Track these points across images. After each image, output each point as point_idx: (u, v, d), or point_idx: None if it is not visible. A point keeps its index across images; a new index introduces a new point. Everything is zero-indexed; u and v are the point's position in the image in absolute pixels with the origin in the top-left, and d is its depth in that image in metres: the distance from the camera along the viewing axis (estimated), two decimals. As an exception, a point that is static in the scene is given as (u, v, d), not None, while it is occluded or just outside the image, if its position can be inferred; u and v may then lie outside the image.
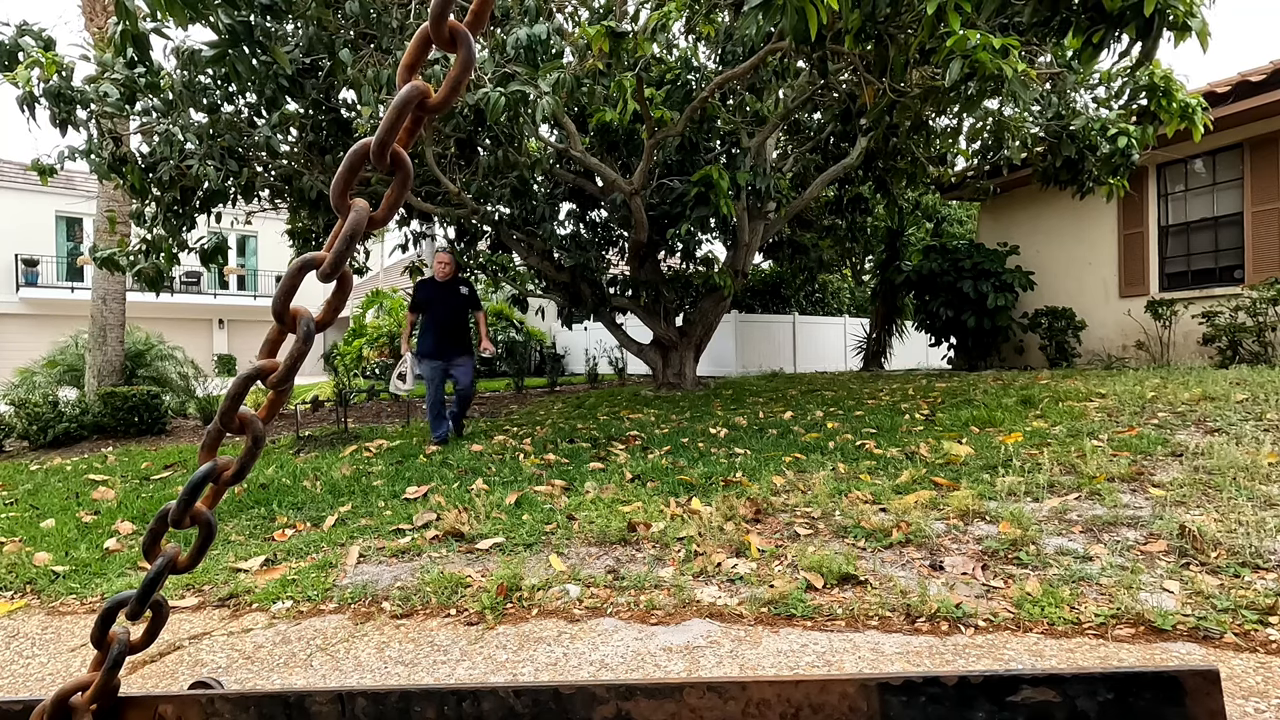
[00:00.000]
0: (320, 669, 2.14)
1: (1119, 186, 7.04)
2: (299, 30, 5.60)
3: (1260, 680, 1.75)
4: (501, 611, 2.43)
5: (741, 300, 13.78)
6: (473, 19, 0.40)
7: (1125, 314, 8.85)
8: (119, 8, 4.28)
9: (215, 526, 0.48)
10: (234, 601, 2.72)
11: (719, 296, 8.44)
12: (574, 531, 3.14)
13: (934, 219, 14.51)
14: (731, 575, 2.57)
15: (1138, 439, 3.82)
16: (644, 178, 6.97)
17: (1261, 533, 2.48)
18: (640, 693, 0.43)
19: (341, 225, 0.41)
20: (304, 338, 0.44)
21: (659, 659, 2.04)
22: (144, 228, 6.57)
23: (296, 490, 4.31)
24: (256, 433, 0.46)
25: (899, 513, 3.01)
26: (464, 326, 6.13)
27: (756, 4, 3.86)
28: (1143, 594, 2.19)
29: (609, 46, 4.79)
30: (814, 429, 5.12)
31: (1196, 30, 3.97)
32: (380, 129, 0.40)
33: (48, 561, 3.28)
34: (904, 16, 4.71)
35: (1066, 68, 6.61)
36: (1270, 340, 6.97)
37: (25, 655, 2.43)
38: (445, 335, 5.97)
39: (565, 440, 5.41)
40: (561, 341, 17.70)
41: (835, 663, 1.96)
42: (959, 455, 3.82)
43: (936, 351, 11.00)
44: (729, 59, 7.02)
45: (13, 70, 5.18)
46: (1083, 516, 2.86)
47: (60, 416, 7.81)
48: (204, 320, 23.43)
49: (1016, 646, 2.00)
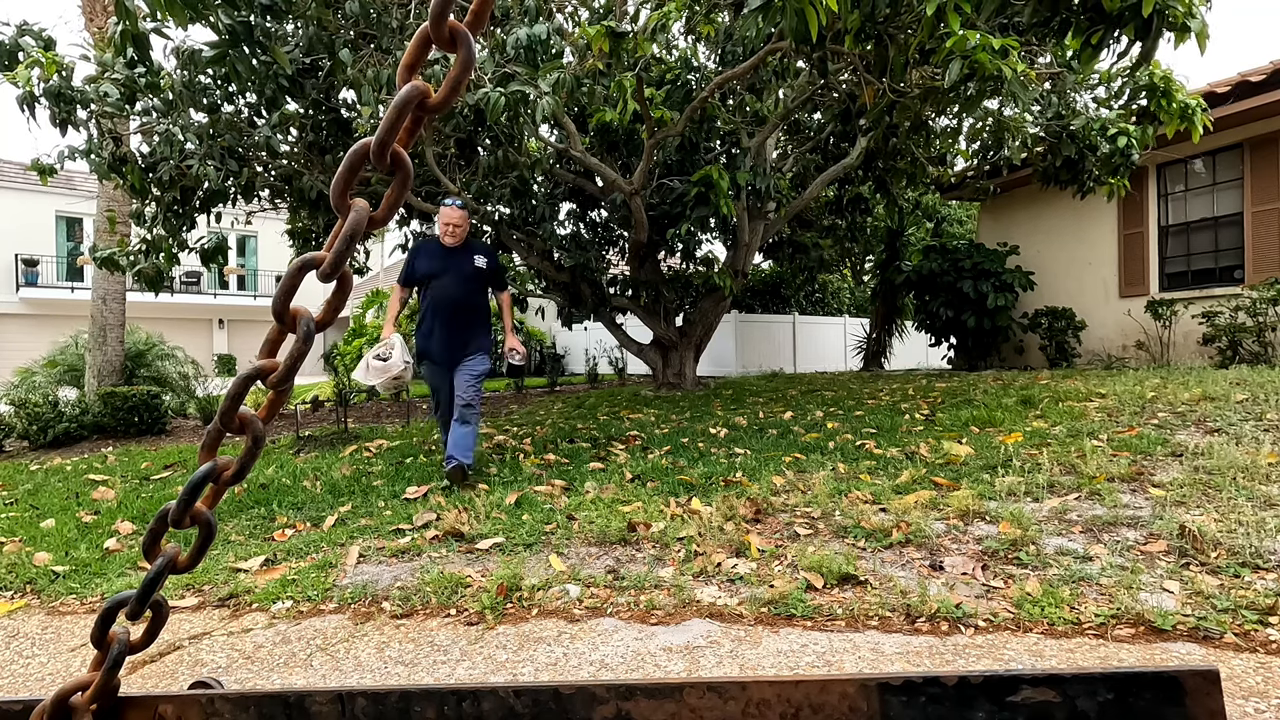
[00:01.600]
0: (320, 669, 2.14)
1: (1119, 186, 7.04)
2: (299, 30, 5.60)
3: (1260, 680, 1.75)
4: (501, 611, 2.43)
5: (741, 300, 13.78)
6: (473, 19, 0.40)
7: (1125, 314, 8.85)
8: (119, 8, 4.28)
9: (215, 526, 0.48)
10: (234, 601, 2.72)
11: (719, 296, 8.44)
12: (574, 531, 3.14)
13: (934, 219, 14.51)
14: (731, 575, 2.57)
15: (1138, 439, 3.82)
16: (644, 178, 6.97)
17: (1261, 533, 2.48)
18: (640, 693, 0.43)
19: (341, 225, 0.41)
20: (304, 338, 0.44)
21: (659, 659, 2.04)
22: (144, 228, 6.57)
23: (296, 490, 4.30)
24: (256, 433, 0.46)
25: (899, 513, 3.01)
26: (479, 312, 4.44)
27: (757, 5, 3.86)
28: (1143, 594, 2.19)
29: (609, 46, 4.79)
30: (814, 429, 5.12)
31: (1195, 31, 3.97)
32: (380, 129, 0.40)
33: (48, 561, 3.28)
34: (904, 17, 4.71)
35: (1066, 68, 6.61)
36: (1270, 340, 6.97)
37: (25, 655, 2.43)
38: (452, 325, 4.30)
39: (565, 440, 5.41)
40: (561, 341, 17.69)
41: (835, 663, 1.96)
42: (959, 455, 3.82)
43: (936, 351, 11.00)
44: (729, 59, 7.03)
45: (13, 70, 5.18)
46: (1083, 516, 2.86)
47: (60, 416, 7.81)
48: (204, 320, 23.43)
49: (1016, 646, 2.00)
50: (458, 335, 4.31)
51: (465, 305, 4.35)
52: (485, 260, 4.44)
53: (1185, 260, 8.52)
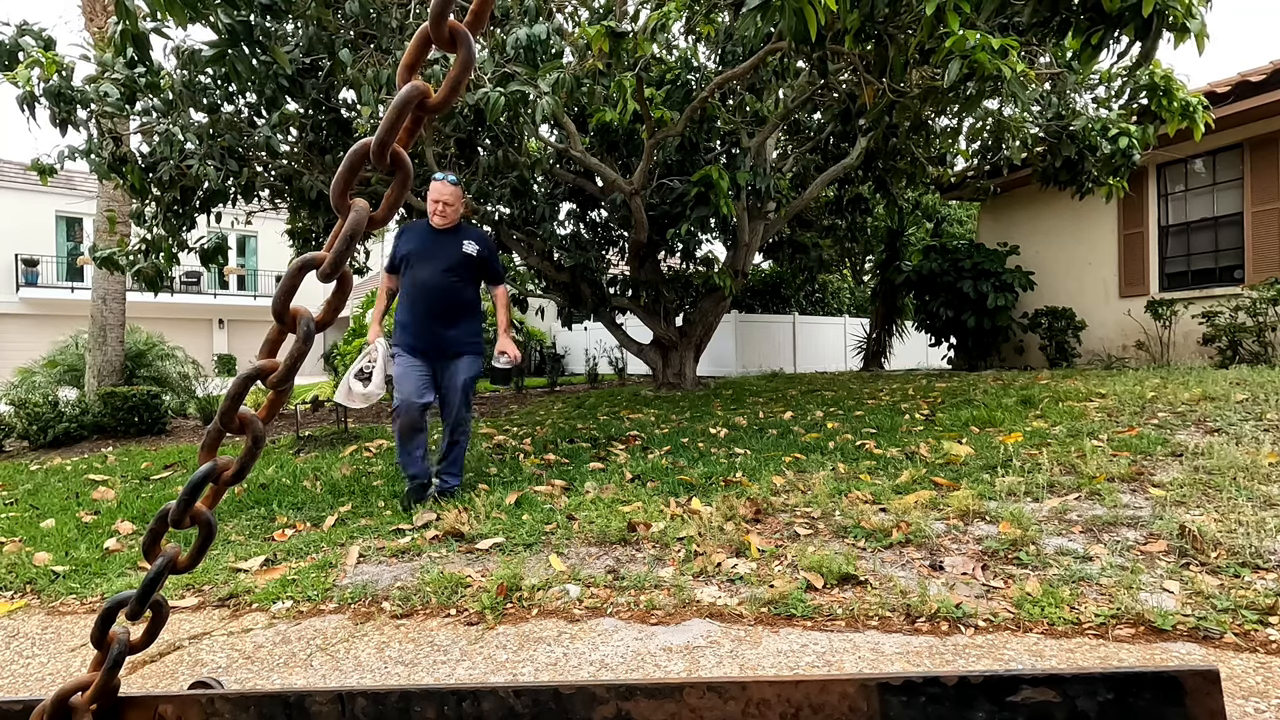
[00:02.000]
0: (320, 669, 2.14)
1: (1119, 187, 7.04)
2: (299, 30, 5.60)
3: (1260, 680, 1.75)
4: (501, 611, 2.43)
5: (741, 300, 13.78)
6: (473, 19, 0.40)
7: (1125, 314, 8.85)
8: (119, 8, 4.28)
9: (215, 526, 0.48)
10: (234, 601, 2.72)
11: (719, 296, 8.45)
12: (574, 531, 3.14)
13: (934, 219, 14.52)
14: (731, 575, 2.57)
15: (1138, 439, 3.82)
16: (644, 178, 6.97)
17: (1261, 533, 2.48)
18: (640, 693, 0.43)
19: (341, 225, 0.41)
20: (304, 338, 0.44)
21: (659, 659, 2.04)
22: (144, 228, 6.57)
23: (296, 490, 4.31)
24: (256, 433, 0.46)
25: (899, 513, 3.01)
26: (465, 307, 3.84)
27: (755, 5, 3.86)
28: (1143, 594, 2.19)
29: (609, 46, 4.79)
30: (814, 429, 5.12)
31: (1195, 31, 3.98)
32: (380, 129, 0.40)
33: (48, 561, 3.28)
34: (903, 17, 4.71)
35: (1066, 68, 6.61)
36: (1270, 340, 6.97)
37: (25, 655, 2.43)
38: (432, 317, 3.73)
39: (565, 440, 5.41)
40: (561, 341, 17.69)
41: (835, 663, 1.96)
42: (959, 455, 3.82)
43: (936, 351, 11.00)
44: (729, 59, 7.03)
45: (13, 70, 5.18)
46: (1083, 516, 2.86)
47: (60, 416, 7.81)
48: (204, 320, 23.43)
49: (1016, 646, 2.00)
50: (438, 330, 3.72)
51: (448, 295, 3.73)
52: (477, 247, 3.82)
53: (1185, 260, 8.53)
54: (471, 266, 3.81)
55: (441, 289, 3.73)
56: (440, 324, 3.73)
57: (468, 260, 3.79)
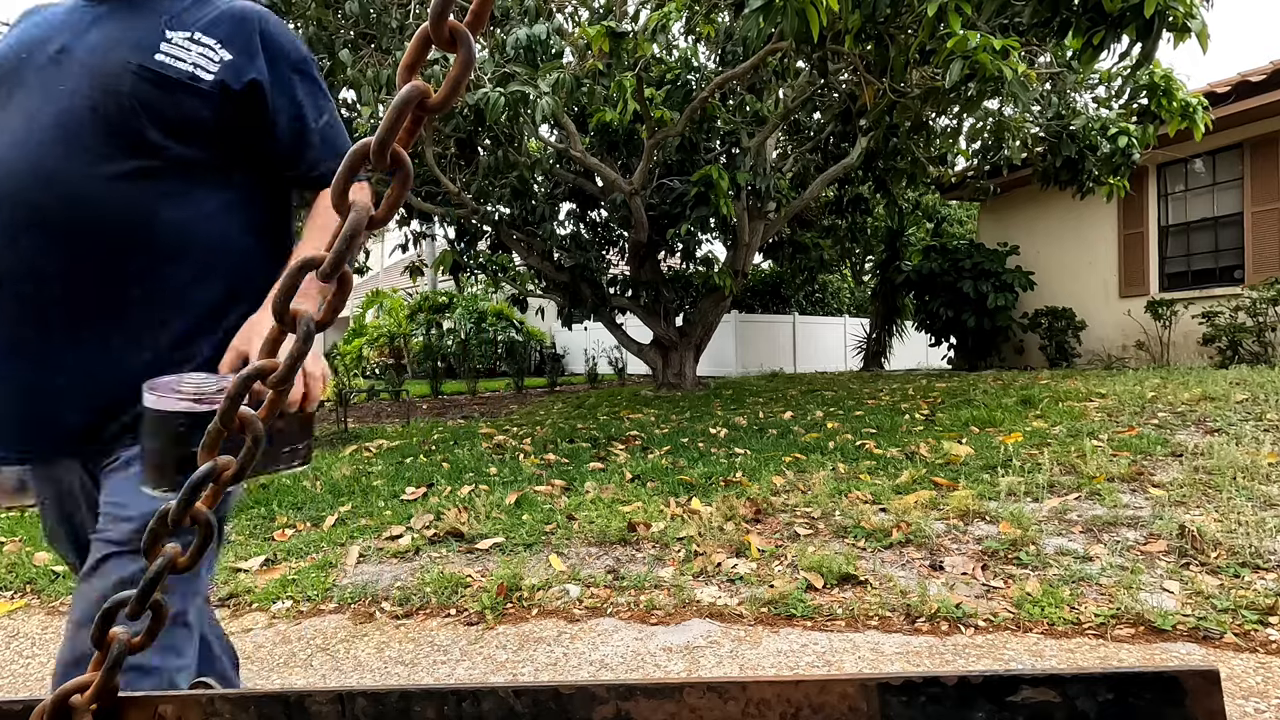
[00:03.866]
0: (320, 669, 2.14)
1: (1119, 187, 7.04)
2: (299, 30, 5.60)
3: (1260, 680, 1.75)
4: (501, 611, 2.43)
5: (741, 300, 13.78)
6: (473, 19, 0.40)
7: (1125, 314, 8.85)
8: (119, 8, 4.28)
9: (215, 527, 0.48)
10: (234, 601, 2.72)
11: (719, 296, 8.45)
12: (574, 531, 3.14)
13: (934, 219, 14.52)
14: (731, 575, 2.57)
15: (1138, 439, 3.82)
16: (644, 178, 6.97)
17: (1261, 533, 2.48)
18: (640, 693, 0.43)
19: (341, 225, 0.41)
20: (304, 338, 0.44)
21: (659, 659, 2.04)
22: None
23: (296, 490, 4.30)
24: (256, 433, 0.46)
25: (899, 513, 3.01)
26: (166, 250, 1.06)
27: (757, 6, 3.87)
28: (1143, 594, 2.19)
29: (609, 46, 4.79)
30: (814, 429, 5.12)
31: (1196, 32, 3.98)
32: (380, 129, 0.40)
33: (48, 561, 3.28)
34: (904, 17, 4.71)
35: (1066, 68, 6.62)
36: (1270, 340, 6.97)
37: (25, 655, 2.43)
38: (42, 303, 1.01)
39: (565, 440, 5.41)
40: (561, 341, 17.68)
41: (835, 663, 1.96)
42: (959, 455, 3.82)
43: (936, 351, 11.00)
44: (729, 59, 7.03)
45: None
46: (1083, 516, 2.86)
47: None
48: (204, 320, 23.38)
49: (1016, 646, 2.00)
50: (51, 354, 1.04)
51: (91, 210, 1.02)
52: (220, 54, 1.09)
53: (1185, 260, 8.53)
54: (194, 124, 1.09)
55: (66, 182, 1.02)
56: (56, 332, 1.04)
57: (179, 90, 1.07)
